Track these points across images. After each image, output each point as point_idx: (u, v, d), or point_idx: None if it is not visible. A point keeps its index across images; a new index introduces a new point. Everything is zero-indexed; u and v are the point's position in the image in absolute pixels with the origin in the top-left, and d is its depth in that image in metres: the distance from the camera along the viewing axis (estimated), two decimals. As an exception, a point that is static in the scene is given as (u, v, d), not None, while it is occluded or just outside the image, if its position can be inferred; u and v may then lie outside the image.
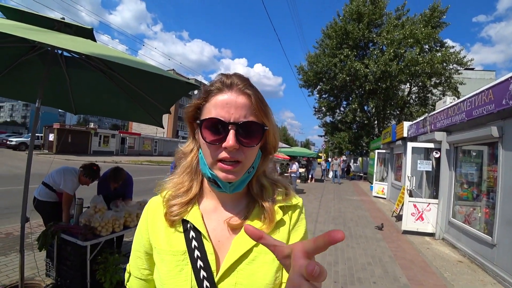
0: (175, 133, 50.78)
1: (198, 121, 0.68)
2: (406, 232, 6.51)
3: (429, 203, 6.47)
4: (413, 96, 20.98)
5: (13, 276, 3.51)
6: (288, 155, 16.14)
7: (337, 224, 7.17)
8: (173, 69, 49.21)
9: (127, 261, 0.83)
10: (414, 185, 6.72)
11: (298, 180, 17.36)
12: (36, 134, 18.50)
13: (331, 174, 18.31)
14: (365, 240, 5.90)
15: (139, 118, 4.26)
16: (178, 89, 2.95)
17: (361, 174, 21.91)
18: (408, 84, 20.17)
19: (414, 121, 8.72)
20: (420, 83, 19.11)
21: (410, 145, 6.95)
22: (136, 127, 51.99)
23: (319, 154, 32.85)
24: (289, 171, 12.94)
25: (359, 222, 7.50)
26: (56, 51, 2.88)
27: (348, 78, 18.90)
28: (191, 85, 2.50)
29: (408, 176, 6.67)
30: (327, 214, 8.38)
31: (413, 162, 6.87)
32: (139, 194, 9.46)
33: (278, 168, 15.86)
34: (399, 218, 7.69)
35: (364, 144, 22.29)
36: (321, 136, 27.61)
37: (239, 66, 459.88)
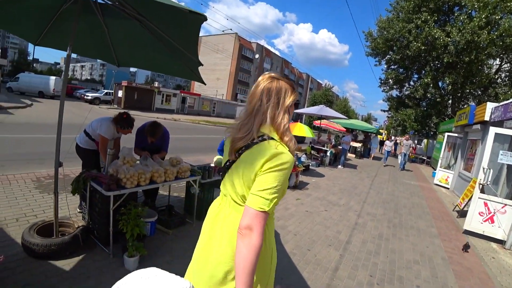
0: (234, 96, 51.55)
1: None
2: (468, 232, 5.52)
3: (505, 205, 5.31)
4: (502, 75, 17.42)
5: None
6: (344, 127, 15.05)
7: (387, 209, 6.45)
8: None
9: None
10: (489, 179, 5.56)
11: (352, 155, 16.30)
12: (107, 90, 20.38)
13: (399, 159, 14.57)
14: (416, 232, 5.16)
15: (179, 71, 4.09)
16: (189, 24, 2.60)
17: (423, 158, 19.71)
18: (498, 59, 16.73)
19: (502, 103, 7.12)
20: (514, 59, 15.75)
21: (493, 130, 5.67)
22: (197, 88, 54.12)
23: (380, 130, 30.46)
24: (341, 142, 12.12)
25: (413, 211, 6.66)
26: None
27: (423, 48, 16.22)
28: (195, 15, 2.14)
29: (483, 168, 5.51)
30: (378, 196, 7.67)
31: (494, 152, 5.64)
32: (192, 151, 9.88)
33: (333, 139, 15.00)
34: (462, 214, 6.61)
35: (432, 125, 19.69)
36: (384, 111, 25.17)
37: (303, 31, 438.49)
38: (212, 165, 4.63)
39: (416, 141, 25.98)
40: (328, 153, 11.10)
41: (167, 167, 3.53)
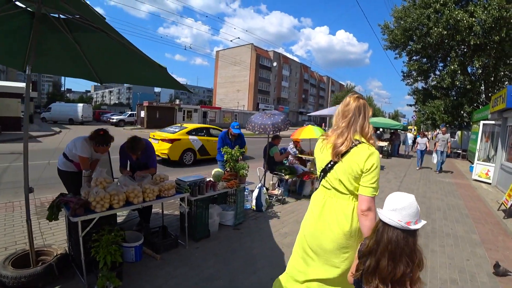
0: (255, 106, 51.50)
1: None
2: (520, 236, 4.55)
3: None
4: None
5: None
6: None
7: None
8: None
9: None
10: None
11: (380, 155, 15.11)
12: (131, 112, 20.88)
13: (435, 158, 11.68)
14: (453, 241, 4.31)
15: (158, 81, 3.72)
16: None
17: (459, 151, 17.92)
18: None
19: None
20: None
21: None
22: (219, 102, 54.86)
23: (409, 126, 28.63)
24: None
25: (449, 214, 5.73)
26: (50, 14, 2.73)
27: (445, 33, 14.85)
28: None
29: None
30: (406, 199, 6.71)
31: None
32: (205, 163, 9.53)
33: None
34: (510, 214, 5.59)
35: (465, 115, 17.87)
36: (410, 105, 23.53)
37: (320, 35, 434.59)
38: (209, 179, 4.17)
39: (448, 134, 23.87)
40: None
41: (147, 186, 3.12)
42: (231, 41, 41.30)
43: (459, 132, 19.89)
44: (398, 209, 1.33)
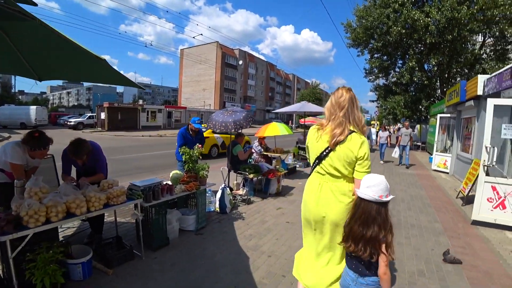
0: (222, 105, 50.90)
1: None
2: (477, 223, 4.80)
3: (516, 185, 4.62)
4: (487, 50, 16.90)
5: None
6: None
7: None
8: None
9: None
10: (494, 159, 4.83)
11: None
12: (90, 114, 20.00)
13: (396, 152, 11.76)
14: (418, 232, 4.43)
15: (103, 76, 3.38)
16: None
17: (418, 144, 19.03)
18: (481, 34, 16.25)
19: (495, 73, 6.48)
20: (497, 33, 15.17)
21: (491, 102, 4.87)
22: (184, 101, 53.52)
23: (372, 122, 29.88)
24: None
25: (412, 205, 5.95)
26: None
27: (404, 31, 15.66)
28: None
29: (486, 147, 4.79)
30: (370, 192, 6.90)
31: (494, 127, 4.94)
32: (168, 167, 9.14)
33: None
34: (467, 201, 5.92)
35: (422, 109, 19.04)
36: (373, 101, 24.64)
37: (285, 34, 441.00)
38: (166, 182, 3.90)
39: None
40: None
41: (91, 194, 2.80)
42: (193, 37, 40.70)
43: (418, 126, 21.12)
44: (371, 186, 1.66)
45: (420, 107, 18.88)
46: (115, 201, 2.95)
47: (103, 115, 28.81)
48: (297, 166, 9.43)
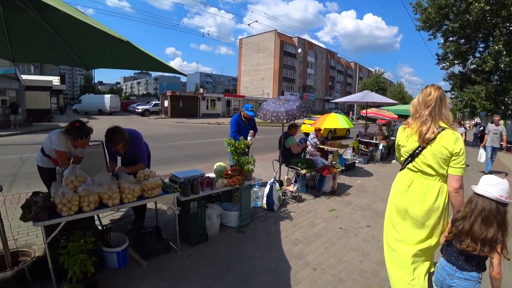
0: (280, 94, 50.47)
1: None
2: None
3: None
4: None
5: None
6: (398, 114, 12.50)
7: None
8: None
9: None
10: None
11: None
12: (156, 102, 21.63)
13: (482, 156, 8.63)
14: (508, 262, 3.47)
15: (143, 64, 3.26)
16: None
17: (501, 143, 15.85)
18: None
19: None
20: None
21: None
22: (243, 90, 54.44)
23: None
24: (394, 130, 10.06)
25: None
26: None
27: (488, 8, 13.00)
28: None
29: None
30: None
31: None
32: (218, 155, 9.13)
33: (385, 130, 12.86)
34: None
35: (510, 102, 15.99)
36: (446, 92, 21.51)
37: (347, 19, 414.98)
38: (208, 175, 3.68)
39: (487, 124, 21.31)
40: (380, 146, 9.35)
41: (125, 185, 2.67)
42: (248, 25, 40.54)
43: (502, 122, 17.77)
44: (493, 185, 1.63)
45: (507, 99, 15.80)
46: (149, 193, 2.78)
47: (166, 103, 30.80)
48: (357, 162, 8.58)
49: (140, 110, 32.05)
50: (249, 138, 5.12)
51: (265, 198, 4.67)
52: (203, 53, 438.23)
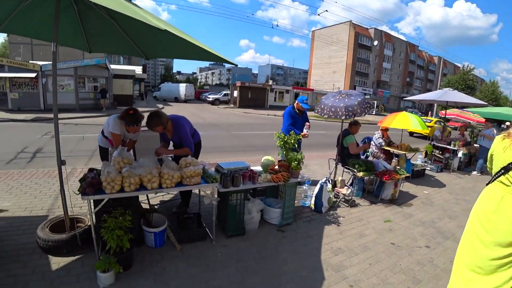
0: (352, 88, 47.71)
1: None
2: None
3: None
4: None
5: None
6: (485, 118, 10.42)
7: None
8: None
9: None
10: None
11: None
12: (226, 92, 22.77)
13: None
14: None
15: (191, 53, 3.31)
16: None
17: None
18: None
19: None
20: None
21: None
22: (313, 83, 53.07)
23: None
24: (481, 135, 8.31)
25: None
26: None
27: None
28: None
29: None
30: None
31: None
32: (272, 148, 9.00)
33: (468, 135, 10.94)
34: None
35: None
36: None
37: (432, 8, 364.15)
38: (256, 168, 3.55)
39: None
40: (459, 154, 7.94)
41: (165, 171, 2.69)
42: (318, 15, 38.72)
43: None
44: None
45: None
46: (188, 181, 2.78)
47: (235, 93, 31.81)
48: (428, 169, 7.46)
49: (210, 99, 33.83)
50: (305, 130, 4.84)
51: (313, 198, 4.35)
52: (276, 45, 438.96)
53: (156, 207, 3.91)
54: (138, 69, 27.69)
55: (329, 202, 4.37)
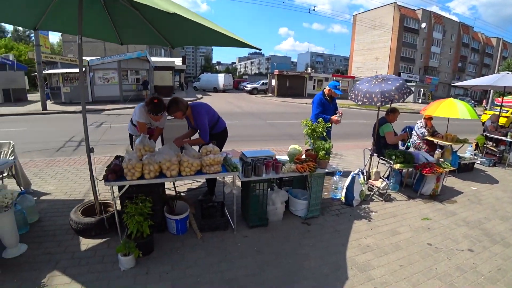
0: (396, 75, 44.48)
1: None
2: None
3: None
4: None
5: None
6: None
7: None
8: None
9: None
10: None
11: None
12: (264, 81, 22.71)
13: None
14: None
15: (213, 39, 3.25)
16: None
17: None
18: None
19: None
20: None
21: None
22: (355, 71, 50.58)
23: None
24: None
25: None
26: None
27: None
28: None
29: None
30: None
31: None
32: (340, 136, 8.54)
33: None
34: None
35: None
36: None
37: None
38: (282, 158, 3.39)
39: None
40: (518, 146, 6.93)
41: (185, 158, 2.64)
42: None
43: None
44: None
45: None
46: (207, 169, 2.70)
47: (273, 82, 31.43)
48: (478, 162, 6.64)
49: (248, 88, 33.89)
50: (337, 117, 4.56)
51: (344, 191, 4.07)
52: (316, 32, 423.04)
53: (182, 194, 3.93)
54: (177, 61, 28.55)
55: (361, 195, 4.06)
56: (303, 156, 3.52)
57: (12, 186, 4.05)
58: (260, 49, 3.05)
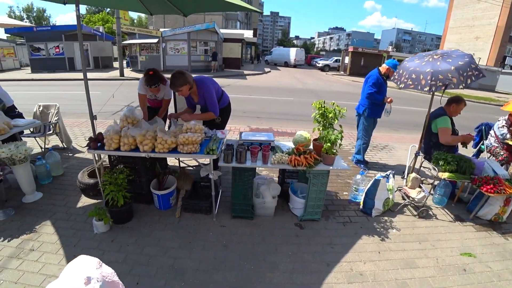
0: (499, 60, 35.44)
1: None
2: None
3: None
4: None
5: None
6: None
7: None
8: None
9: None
10: None
11: None
12: (337, 58, 21.21)
13: None
14: None
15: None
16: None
17: None
18: None
19: None
20: None
21: None
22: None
23: None
24: None
25: None
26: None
27: None
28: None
29: None
30: None
31: None
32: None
33: None
34: None
35: None
36: None
37: None
38: (273, 145, 2.90)
39: None
40: None
41: (159, 135, 2.45)
42: None
43: None
44: None
45: None
46: (181, 148, 2.46)
47: (346, 60, 28.79)
48: None
49: (320, 65, 31.91)
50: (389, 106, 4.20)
51: (363, 196, 3.34)
52: (406, 6, 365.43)
53: (191, 168, 3.89)
54: (248, 33, 28.16)
55: (385, 204, 3.25)
56: (311, 146, 2.95)
57: (56, 142, 4.58)
58: (261, 12, 2.65)
